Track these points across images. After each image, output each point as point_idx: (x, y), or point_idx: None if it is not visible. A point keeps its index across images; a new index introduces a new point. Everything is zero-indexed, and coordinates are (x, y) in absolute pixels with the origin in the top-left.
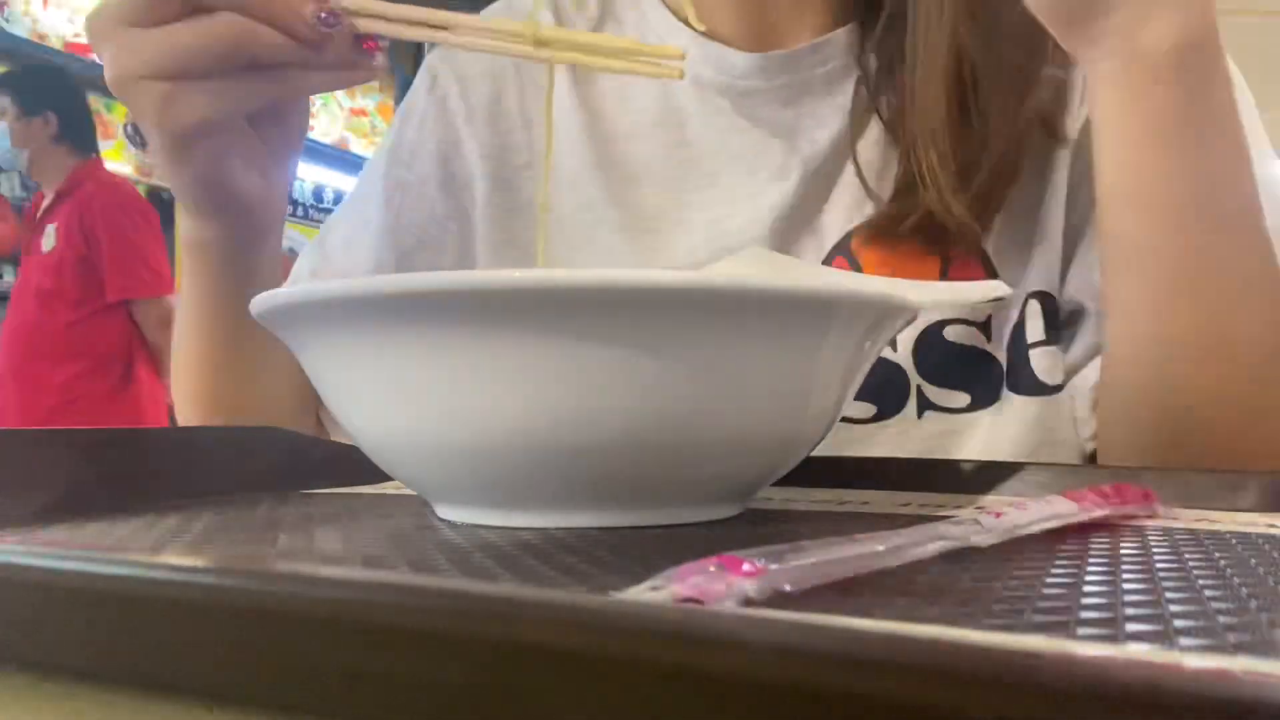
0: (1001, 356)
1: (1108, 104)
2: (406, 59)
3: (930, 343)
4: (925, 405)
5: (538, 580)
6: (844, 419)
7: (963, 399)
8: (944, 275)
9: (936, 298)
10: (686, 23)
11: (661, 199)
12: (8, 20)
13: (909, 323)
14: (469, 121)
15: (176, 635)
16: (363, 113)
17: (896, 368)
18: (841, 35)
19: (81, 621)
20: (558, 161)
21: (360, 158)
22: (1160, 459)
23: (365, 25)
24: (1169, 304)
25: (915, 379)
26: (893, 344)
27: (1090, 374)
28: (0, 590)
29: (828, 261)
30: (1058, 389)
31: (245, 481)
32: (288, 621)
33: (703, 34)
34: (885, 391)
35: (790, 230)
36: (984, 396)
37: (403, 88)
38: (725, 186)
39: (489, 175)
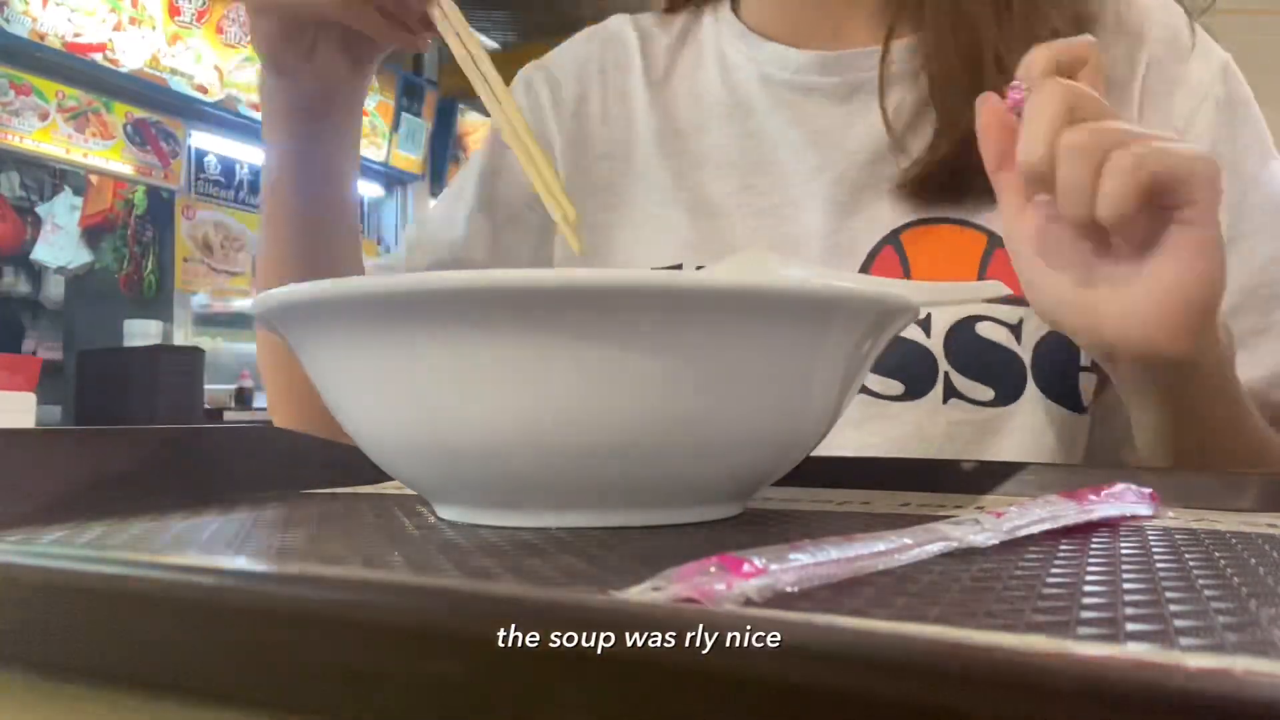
0: (1027, 359)
1: (1155, 416)
2: (405, 59)
3: (962, 335)
4: (951, 392)
5: (538, 580)
6: (872, 394)
7: (987, 393)
8: (983, 270)
9: (938, 298)
10: (752, 29)
11: (726, 185)
12: (7, 20)
13: (908, 324)
14: (557, 117)
15: (178, 635)
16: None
17: (928, 352)
18: (900, 45)
19: (82, 622)
20: (632, 153)
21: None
22: None
23: (439, 22)
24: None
25: (944, 365)
26: (926, 330)
27: None
28: (1, 590)
29: (876, 252)
30: (1085, 410)
31: (246, 481)
32: (288, 621)
33: (768, 38)
34: (914, 372)
35: (843, 218)
36: (1006, 394)
37: (402, 88)
38: (782, 175)
39: (570, 162)
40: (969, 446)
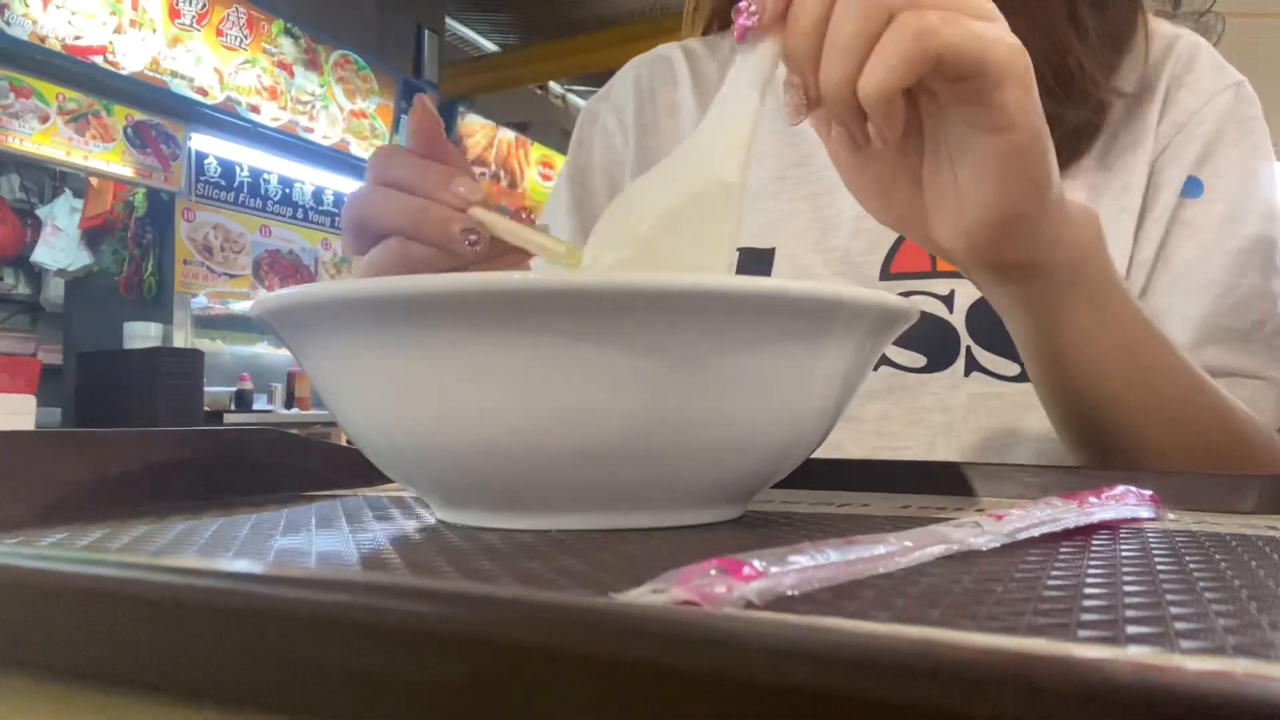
0: None
1: (1019, 323)
2: (406, 61)
3: (984, 310)
4: (973, 366)
5: (538, 583)
6: (894, 365)
7: (1011, 368)
8: None
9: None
10: None
11: (765, 173)
12: (7, 22)
13: (909, 326)
14: (625, 139)
15: (178, 637)
16: (363, 115)
17: (950, 326)
18: None
19: (82, 624)
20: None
21: (360, 159)
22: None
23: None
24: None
25: (966, 339)
26: (949, 305)
27: None
28: (1, 592)
29: (904, 236)
30: None
31: (246, 484)
32: (288, 623)
33: None
34: (937, 346)
35: None
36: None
37: (403, 89)
38: (822, 167)
39: (638, 175)
40: (991, 419)
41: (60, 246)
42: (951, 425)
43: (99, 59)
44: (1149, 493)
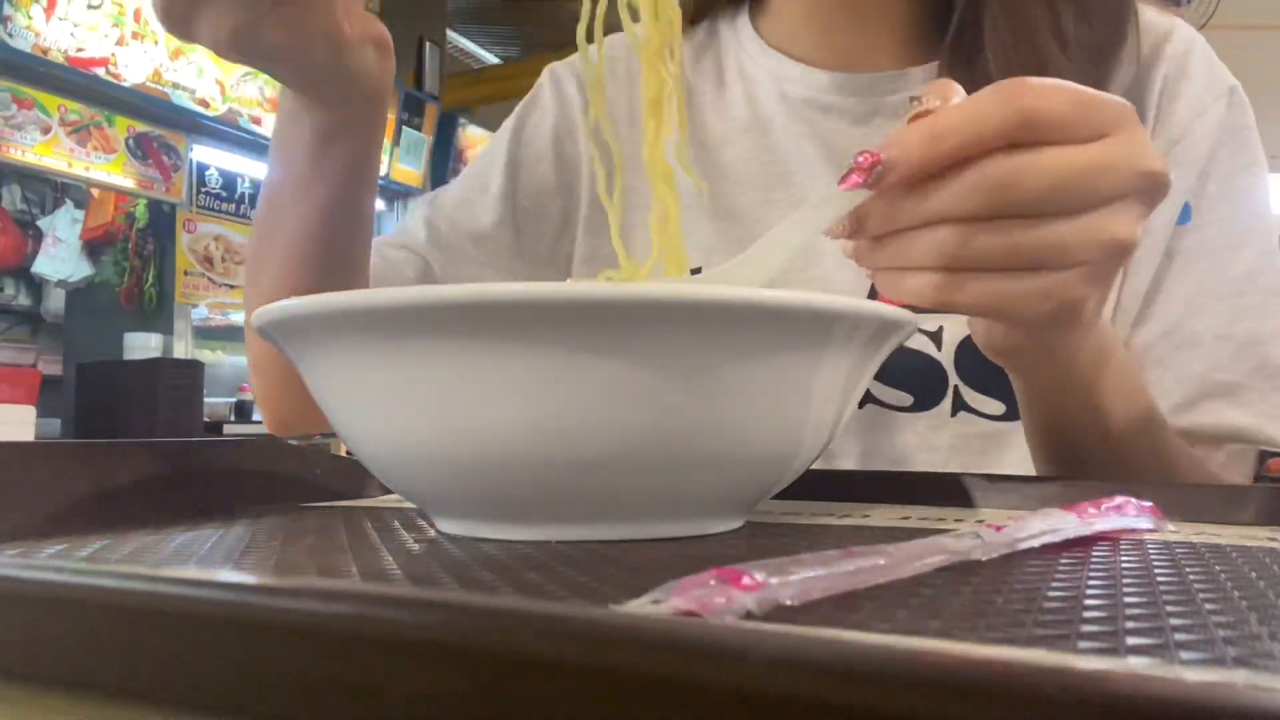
0: None
1: (1033, 406)
2: (407, 73)
3: (973, 349)
4: (961, 406)
5: (537, 593)
6: (880, 404)
7: (998, 407)
8: None
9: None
10: (771, 45)
11: (748, 198)
12: (10, 34)
13: (909, 336)
14: (584, 112)
15: (176, 649)
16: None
17: (938, 365)
18: (919, 72)
19: (82, 635)
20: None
21: None
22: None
23: None
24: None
25: (954, 379)
26: (937, 343)
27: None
28: (1, 603)
29: None
30: None
31: (246, 495)
32: (288, 635)
33: (787, 55)
34: (924, 384)
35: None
36: (1018, 409)
37: (403, 103)
38: (800, 189)
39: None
40: (975, 458)
41: (61, 257)
42: (934, 465)
43: (101, 71)
44: (1149, 504)
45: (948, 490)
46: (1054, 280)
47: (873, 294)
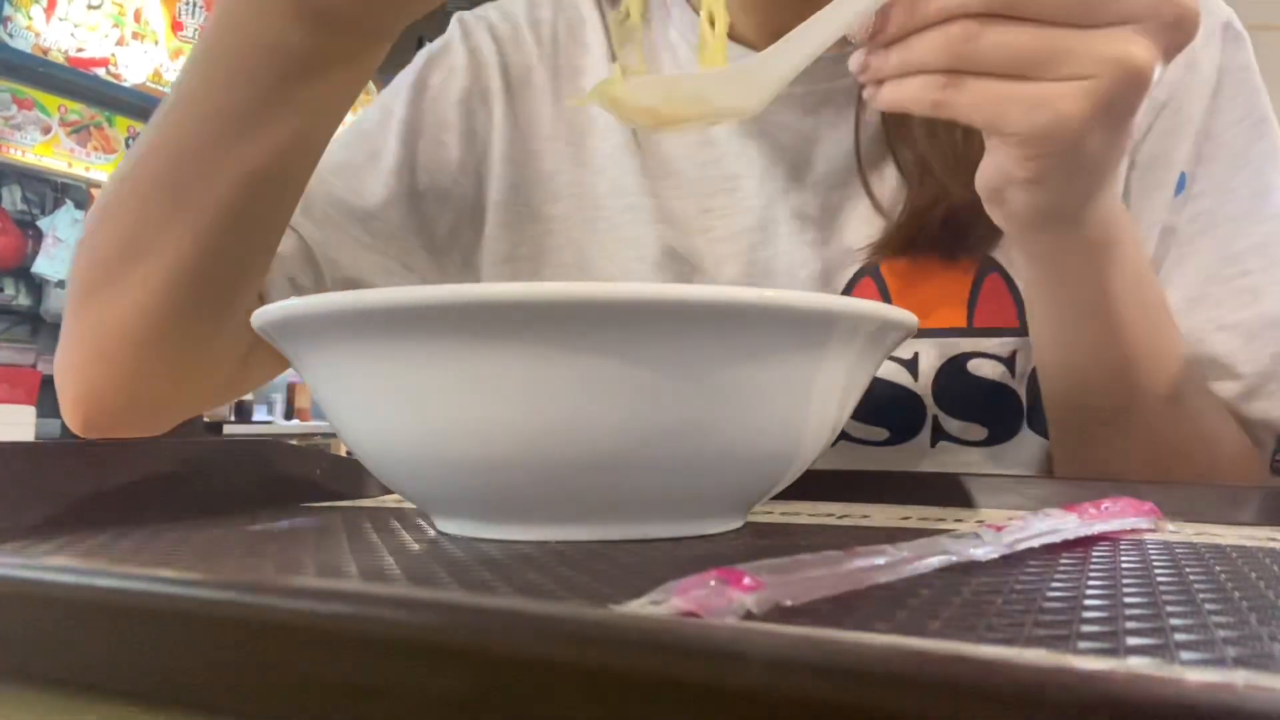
0: (1022, 393)
1: (1040, 283)
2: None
3: (952, 375)
4: (940, 435)
5: (537, 593)
6: (855, 440)
7: (980, 432)
8: (973, 302)
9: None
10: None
11: (687, 204)
12: (10, 35)
13: (910, 336)
14: (502, 78)
15: (175, 648)
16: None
17: (914, 396)
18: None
19: (80, 635)
20: (585, 141)
21: None
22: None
23: None
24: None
25: (933, 409)
26: (914, 373)
27: None
28: (1, 603)
29: (854, 283)
30: None
31: (245, 495)
32: (288, 635)
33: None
34: (900, 417)
35: (817, 246)
36: (1002, 431)
37: None
38: (745, 197)
39: (508, 138)
40: None
41: (62, 258)
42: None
43: (101, 71)
44: (1149, 504)
45: (948, 490)
46: (1053, 89)
47: (827, 275)
